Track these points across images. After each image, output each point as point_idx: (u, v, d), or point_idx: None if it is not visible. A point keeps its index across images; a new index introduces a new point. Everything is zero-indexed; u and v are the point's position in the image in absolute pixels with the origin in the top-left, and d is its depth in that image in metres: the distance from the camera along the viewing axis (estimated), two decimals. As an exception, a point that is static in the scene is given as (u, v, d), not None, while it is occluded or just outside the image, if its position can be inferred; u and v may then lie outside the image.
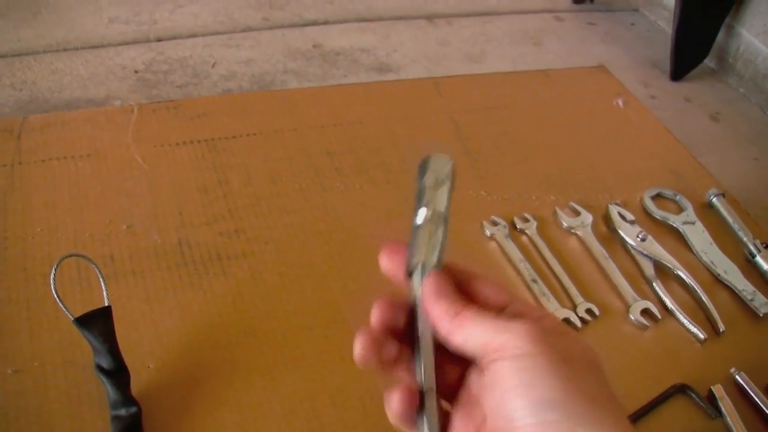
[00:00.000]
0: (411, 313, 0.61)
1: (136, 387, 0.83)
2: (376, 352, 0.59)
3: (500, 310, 0.58)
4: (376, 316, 0.60)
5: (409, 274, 0.62)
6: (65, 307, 0.77)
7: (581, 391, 0.52)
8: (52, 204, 1.04)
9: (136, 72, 1.93)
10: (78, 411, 0.82)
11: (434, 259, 0.61)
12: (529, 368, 0.52)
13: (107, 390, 0.81)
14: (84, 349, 0.84)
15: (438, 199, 0.63)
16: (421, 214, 0.63)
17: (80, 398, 0.83)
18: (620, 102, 1.39)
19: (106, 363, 0.81)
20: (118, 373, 0.81)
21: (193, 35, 2.08)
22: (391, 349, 0.60)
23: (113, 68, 1.96)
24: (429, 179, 0.63)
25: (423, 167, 0.64)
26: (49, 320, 0.90)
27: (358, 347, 0.59)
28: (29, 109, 1.70)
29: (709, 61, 2.11)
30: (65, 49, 2.08)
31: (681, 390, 0.93)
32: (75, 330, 0.84)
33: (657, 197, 1.20)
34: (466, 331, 0.56)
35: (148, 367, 0.87)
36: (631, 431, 0.52)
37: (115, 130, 1.17)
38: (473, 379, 0.58)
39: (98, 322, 0.80)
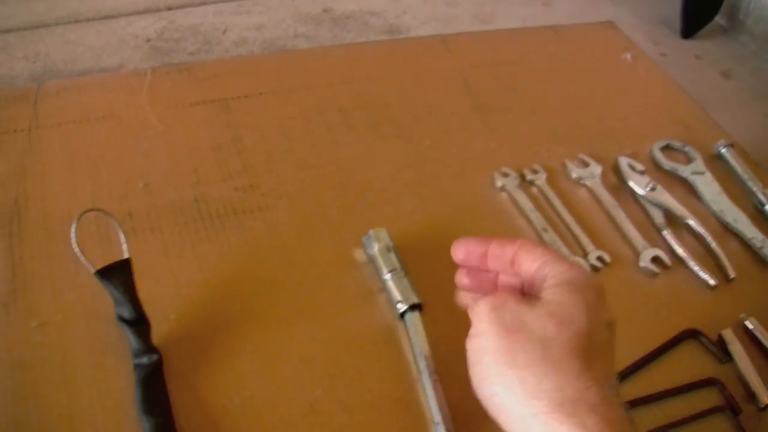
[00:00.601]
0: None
1: (157, 337, 0.86)
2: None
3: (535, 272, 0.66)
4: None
5: (401, 316, 0.86)
6: (86, 261, 0.79)
7: (516, 363, 0.57)
8: (69, 165, 1.06)
9: (148, 41, 1.95)
10: (101, 360, 0.84)
11: (415, 298, 0.89)
12: (477, 347, 0.62)
13: (129, 339, 0.83)
14: (105, 301, 0.86)
15: (392, 260, 0.94)
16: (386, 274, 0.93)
17: (103, 348, 0.85)
18: (628, 56, 1.40)
19: (127, 313, 0.82)
20: (139, 323, 0.83)
21: (204, 3, 2.09)
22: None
23: (125, 38, 1.98)
24: (380, 248, 0.95)
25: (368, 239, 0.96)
26: (70, 275, 0.92)
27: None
28: (43, 80, 1.72)
29: (719, 19, 2.11)
30: (77, 21, 2.10)
31: (691, 335, 0.94)
32: (96, 283, 0.86)
33: (666, 149, 1.20)
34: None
35: (170, 317, 0.89)
36: (574, 393, 0.55)
37: (129, 93, 1.19)
38: None
39: (118, 274, 0.81)
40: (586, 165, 1.14)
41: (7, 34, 2.10)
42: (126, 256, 0.82)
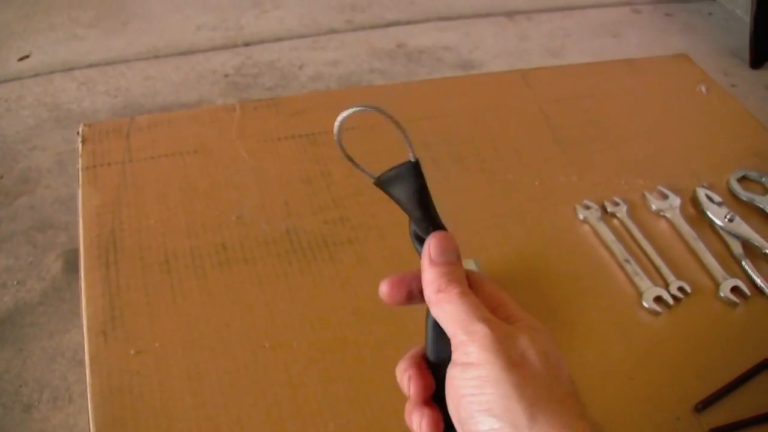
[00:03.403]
0: None
1: (252, 364, 0.89)
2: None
3: (494, 308, 0.61)
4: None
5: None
6: (361, 168, 0.71)
7: (525, 396, 0.53)
8: (163, 197, 1.10)
9: (226, 76, 2.00)
10: (199, 387, 0.87)
11: None
12: (476, 377, 0.55)
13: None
14: (202, 329, 0.90)
15: None
16: None
17: (200, 375, 0.88)
18: (703, 88, 1.41)
19: (422, 229, 0.67)
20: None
21: (280, 39, 2.14)
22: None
23: (204, 73, 2.03)
24: None
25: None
26: (166, 305, 0.95)
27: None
28: (124, 114, 1.77)
29: (789, 49, 2.11)
30: (156, 57, 2.16)
31: (770, 365, 0.94)
32: (192, 313, 0.90)
33: (743, 179, 1.21)
34: (441, 311, 0.60)
35: (264, 346, 0.91)
36: (580, 425, 0.53)
37: (219, 127, 1.22)
38: None
39: (405, 180, 0.71)
40: (665, 197, 1.15)
41: (88, 69, 2.16)
42: (412, 159, 0.69)
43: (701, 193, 1.16)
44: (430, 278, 0.62)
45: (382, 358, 0.91)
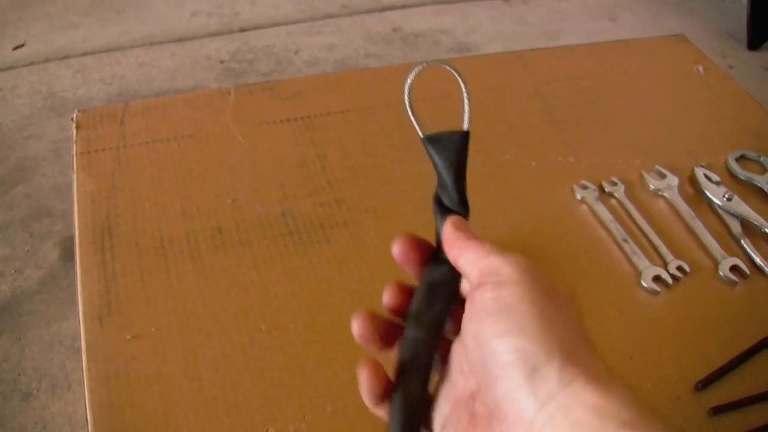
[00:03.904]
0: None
1: (249, 348, 0.89)
2: (373, 328, 0.65)
3: None
4: (386, 297, 0.67)
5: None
6: (417, 123, 0.71)
7: (556, 323, 0.51)
8: (158, 182, 1.09)
9: (221, 62, 1.99)
10: (195, 372, 0.87)
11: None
12: (507, 296, 0.53)
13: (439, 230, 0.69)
14: (198, 313, 0.89)
15: None
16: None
17: (197, 359, 0.88)
18: (700, 69, 1.40)
19: (447, 198, 0.70)
20: (458, 212, 0.69)
21: (275, 24, 2.13)
22: (390, 327, 0.65)
23: (199, 59, 2.02)
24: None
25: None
26: (162, 289, 0.95)
27: (356, 326, 0.65)
28: (119, 101, 1.76)
29: (787, 30, 2.10)
30: (151, 44, 2.15)
31: (770, 344, 0.94)
32: (188, 297, 0.89)
33: (741, 159, 1.21)
34: (467, 261, 0.58)
35: (261, 329, 0.91)
36: (601, 366, 0.52)
37: (214, 111, 1.22)
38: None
39: (450, 147, 0.71)
40: (663, 177, 1.15)
41: (83, 57, 2.16)
42: (466, 128, 0.70)
43: (699, 173, 1.15)
44: (456, 235, 0.62)
45: (379, 340, 0.91)
